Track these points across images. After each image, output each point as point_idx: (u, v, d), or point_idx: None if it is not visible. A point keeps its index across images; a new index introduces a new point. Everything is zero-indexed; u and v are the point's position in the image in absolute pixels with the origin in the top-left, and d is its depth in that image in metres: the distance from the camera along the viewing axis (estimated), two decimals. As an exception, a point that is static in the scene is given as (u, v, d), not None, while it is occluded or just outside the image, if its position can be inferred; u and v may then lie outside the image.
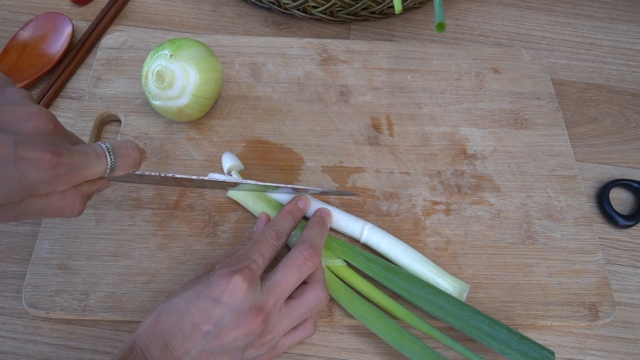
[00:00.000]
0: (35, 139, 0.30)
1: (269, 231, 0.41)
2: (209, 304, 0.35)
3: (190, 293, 0.36)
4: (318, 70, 0.57)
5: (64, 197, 0.33)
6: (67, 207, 0.33)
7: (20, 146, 0.29)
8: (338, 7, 0.61)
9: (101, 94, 0.54)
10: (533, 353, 0.40)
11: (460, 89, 0.57)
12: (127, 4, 0.64)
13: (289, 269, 0.38)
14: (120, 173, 0.36)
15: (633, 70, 0.63)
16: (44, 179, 0.31)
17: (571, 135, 0.57)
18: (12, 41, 0.58)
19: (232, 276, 0.35)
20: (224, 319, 0.34)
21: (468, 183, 0.51)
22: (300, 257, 0.38)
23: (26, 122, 0.31)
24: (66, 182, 0.32)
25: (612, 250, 0.50)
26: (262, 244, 0.39)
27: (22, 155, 0.29)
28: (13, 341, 0.42)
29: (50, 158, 0.30)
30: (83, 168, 0.33)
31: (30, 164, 0.30)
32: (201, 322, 0.34)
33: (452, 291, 0.42)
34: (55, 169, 0.31)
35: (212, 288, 0.35)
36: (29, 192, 0.31)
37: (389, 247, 0.44)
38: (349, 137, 0.53)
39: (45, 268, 0.44)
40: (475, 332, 0.41)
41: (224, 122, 0.53)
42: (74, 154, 0.32)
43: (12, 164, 0.29)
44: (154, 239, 0.46)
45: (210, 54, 0.49)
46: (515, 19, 0.67)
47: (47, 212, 0.33)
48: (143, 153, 0.50)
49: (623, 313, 0.47)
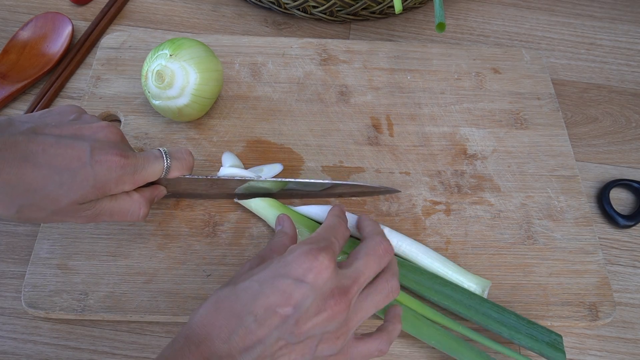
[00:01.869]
0: (106, 145, 0.37)
1: (338, 218, 0.38)
2: (289, 282, 0.31)
3: (264, 274, 0.32)
4: (318, 70, 0.57)
5: (131, 200, 0.39)
6: (134, 210, 0.39)
7: (95, 151, 0.36)
8: (338, 7, 0.61)
9: (101, 94, 0.54)
10: (541, 337, 0.41)
11: (460, 89, 0.57)
12: (127, 3, 0.64)
13: (371, 257, 0.35)
14: (175, 174, 0.41)
15: (633, 70, 0.63)
16: (113, 178, 0.37)
17: (571, 135, 0.57)
18: (12, 41, 0.58)
19: (318, 254, 0.32)
20: (305, 301, 0.31)
21: (468, 183, 0.51)
22: (381, 247, 0.35)
23: (98, 133, 0.38)
24: (131, 181, 0.38)
25: (613, 250, 0.50)
26: (336, 229, 0.36)
27: (96, 159, 0.36)
28: (12, 341, 0.42)
29: (118, 160, 0.37)
30: (144, 168, 0.39)
31: (103, 165, 0.36)
32: (279, 304, 0.30)
33: (476, 289, 0.43)
34: (123, 169, 0.37)
35: (292, 266, 0.31)
36: (102, 190, 0.37)
37: (410, 248, 0.44)
38: (349, 137, 0.53)
39: (45, 268, 0.44)
40: (484, 319, 0.41)
41: (224, 122, 0.53)
42: (137, 157, 0.39)
43: (89, 166, 0.36)
44: (154, 239, 0.46)
45: (210, 54, 0.49)
46: (515, 19, 0.67)
47: (117, 213, 0.39)
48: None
49: (623, 313, 0.47)
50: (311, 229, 0.45)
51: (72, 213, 0.37)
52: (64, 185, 0.35)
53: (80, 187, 0.36)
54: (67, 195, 0.36)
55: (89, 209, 0.37)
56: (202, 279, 0.44)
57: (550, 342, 0.40)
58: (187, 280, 0.44)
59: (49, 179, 0.35)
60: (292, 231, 0.41)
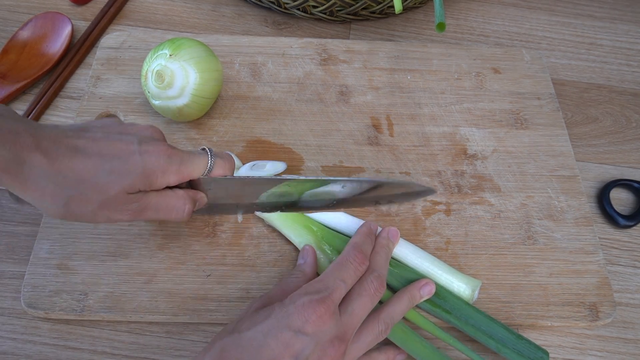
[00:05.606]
0: (153, 139, 0.38)
1: (354, 254, 0.39)
2: (290, 335, 0.33)
3: (267, 324, 0.34)
4: (318, 70, 0.57)
5: (176, 196, 0.39)
6: (179, 206, 0.39)
7: (143, 142, 0.37)
8: (338, 6, 0.61)
9: (101, 94, 0.54)
10: (528, 352, 0.40)
11: (460, 89, 0.57)
12: (127, 3, 0.64)
13: (364, 297, 0.37)
14: (219, 172, 0.41)
15: (633, 70, 0.63)
16: (160, 166, 0.37)
17: (571, 135, 0.57)
18: (12, 41, 0.58)
19: (317, 306, 0.34)
20: (305, 350, 0.33)
21: (468, 183, 0.50)
22: (372, 287, 0.38)
23: (144, 131, 0.39)
24: (177, 171, 0.38)
25: (613, 250, 0.50)
26: (345, 270, 0.38)
27: (145, 149, 0.37)
28: (12, 341, 0.42)
29: (165, 149, 0.38)
30: (190, 161, 0.39)
31: (151, 154, 0.37)
32: (281, 356, 0.33)
33: (466, 289, 0.43)
34: (170, 158, 0.38)
35: (292, 318, 0.34)
36: (150, 179, 0.37)
37: (400, 249, 0.44)
38: (349, 137, 0.53)
39: (44, 268, 0.44)
40: (473, 330, 0.41)
41: (223, 122, 0.53)
42: (182, 151, 0.39)
43: (137, 154, 0.36)
44: (154, 239, 0.46)
45: (210, 54, 0.49)
46: (515, 19, 0.67)
47: (162, 209, 0.39)
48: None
49: (623, 313, 0.47)
50: (335, 246, 0.44)
51: (119, 205, 0.37)
52: (114, 172, 0.36)
53: (128, 174, 0.36)
54: (117, 182, 0.36)
55: (136, 201, 0.37)
56: (202, 279, 0.44)
57: (535, 358, 0.40)
58: (187, 280, 0.44)
59: (99, 167, 0.35)
60: (312, 272, 0.42)
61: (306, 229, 0.45)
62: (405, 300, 0.40)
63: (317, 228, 0.45)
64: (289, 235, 0.45)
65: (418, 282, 0.42)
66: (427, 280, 0.42)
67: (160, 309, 0.42)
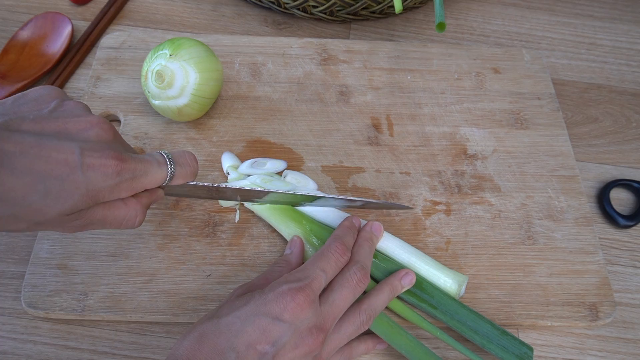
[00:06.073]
0: (99, 146, 0.31)
1: (335, 245, 0.38)
2: (268, 321, 0.33)
3: (245, 310, 0.34)
4: (318, 70, 0.57)
5: (127, 207, 0.34)
6: (129, 217, 0.35)
7: (86, 153, 0.30)
8: (338, 6, 0.61)
9: (101, 94, 0.54)
10: (512, 348, 0.41)
11: (460, 89, 0.57)
12: (127, 3, 0.64)
13: (346, 288, 0.37)
14: (179, 182, 0.36)
15: (633, 70, 0.63)
16: (108, 185, 0.32)
17: (571, 135, 0.57)
18: (12, 41, 0.58)
19: (296, 295, 0.34)
20: (282, 338, 0.33)
21: (468, 183, 0.50)
22: (355, 278, 0.37)
23: (88, 131, 0.32)
24: (129, 188, 0.33)
25: (613, 250, 0.50)
26: (326, 260, 0.37)
27: (88, 162, 0.30)
28: (12, 341, 0.42)
29: (114, 164, 0.31)
30: (145, 175, 0.34)
31: (96, 170, 0.31)
32: (258, 342, 0.32)
33: (452, 284, 0.43)
34: (120, 175, 0.32)
35: (271, 305, 0.33)
36: (95, 198, 0.32)
37: (385, 243, 0.44)
38: (349, 137, 0.53)
39: (45, 268, 0.44)
40: (458, 325, 0.42)
41: (223, 122, 0.53)
42: (136, 161, 0.33)
43: (79, 171, 0.30)
44: (153, 239, 0.46)
45: (210, 54, 0.49)
46: (515, 19, 0.67)
47: (110, 222, 0.34)
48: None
49: (623, 313, 0.47)
50: (323, 239, 0.44)
51: (58, 224, 0.32)
52: (50, 195, 0.30)
53: (69, 197, 0.30)
54: (54, 206, 0.30)
55: (77, 219, 0.32)
56: (202, 279, 0.44)
57: (520, 354, 0.40)
58: (187, 280, 0.44)
59: (31, 188, 0.29)
60: (297, 262, 0.42)
61: (295, 221, 0.45)
62: (386, 291, 0.40)
63: (306, 221, 0.45)
64: (278, 227, 0.45)
65: (398, 272, 0.42)
66: (407, 271, 0.42)
67: (160, 309, 0.42)
